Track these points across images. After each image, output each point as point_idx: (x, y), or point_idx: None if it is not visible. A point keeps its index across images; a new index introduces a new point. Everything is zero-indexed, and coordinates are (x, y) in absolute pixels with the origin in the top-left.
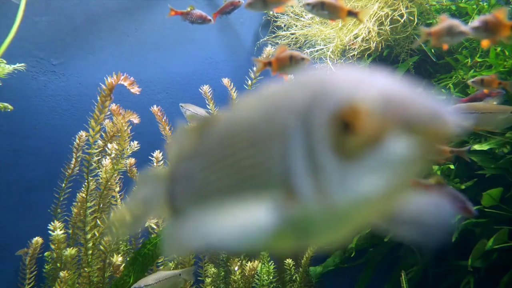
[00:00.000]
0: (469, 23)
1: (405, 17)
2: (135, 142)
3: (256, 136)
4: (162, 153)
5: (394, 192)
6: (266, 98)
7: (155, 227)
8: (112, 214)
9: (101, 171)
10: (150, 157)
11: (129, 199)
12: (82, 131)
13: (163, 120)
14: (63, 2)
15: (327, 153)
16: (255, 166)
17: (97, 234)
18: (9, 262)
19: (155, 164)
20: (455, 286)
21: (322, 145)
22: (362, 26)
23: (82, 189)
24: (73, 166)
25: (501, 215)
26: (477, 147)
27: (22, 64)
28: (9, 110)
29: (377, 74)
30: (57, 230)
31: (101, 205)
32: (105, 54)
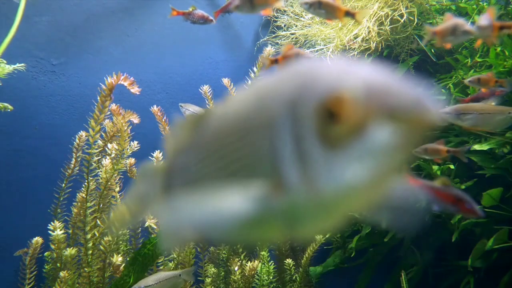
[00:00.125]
0: (473, 23)
1: (405, 17)
2: (135, 142)
3: (246, 127)
4: (162, 153)
5: (379, 180)
6: (255, 90)
7: (155, 227)
8: (112, 212)
9: (101, 171)
10: (150, 157)
11: (128, 194)
12: (82, 131)
13: (163, 120)
14: (63, 2)
15: (313, 142)
16: (246, 157)
17: (97, 234)
18: (9, 262)
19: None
20: (455, 286)
21: (308, 134)
22: (362, 26)
23: (82, 189)
24: (73, 166)
25: (501, 215)
26: (477, 147)
27: (22, 64)
28: (9, 110)
29: (361, 65)
30: (57, 230)
31: (101, 205)
32: (105, 54)
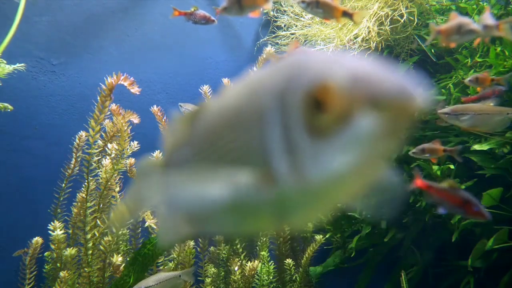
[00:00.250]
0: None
1: (405, 17)
2: (135, 142)
3: (238, 120)
4: (162, 153)
5: (366, 168)
6: (247, 83)
7: (155, 227)
8: (113, 210)
9: (101, 171)
10: (150, 157)
11: (128, 192)
12: (82, 131)
13: (163, 120)
14: (63, 2)
15: (301, 132)
16: (238, 149)
17: (97, 234)
18: (9, 262)
19: None
20: (455, 286)
21: (296, 125)
22: (362, 26)
23: (82, 189)
24: (73, 166)
25: (501, 215)
26: (477, 147)
27: (22, 64)
28: (9, 110)
29: (348, 56)
30: (57, 230)
31: (101, 205)
32: (105, 54)
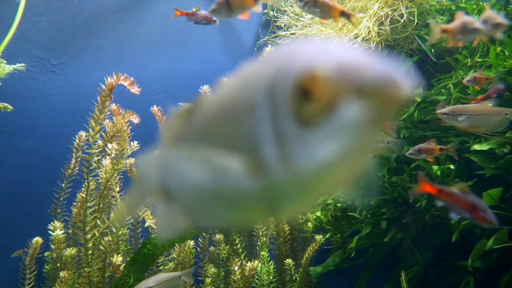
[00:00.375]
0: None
1: (405, 17)
2: (135, 142)
3: (231, 112)
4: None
5: (353, 156)
6: (240, 76)
7: (155, 227)
8: (114, 209)
9: (101, 171)
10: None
11: (129, 191)
12: (82, 131)
13: (163, 120)
14: (63, 2)
15: (289, 122)
16: (232, 141)
17: (97, 234)
18: (9, 262)
19: None
20: (455, 286)
21: (285, 114)
22: (362, 26)
23: (82, 189)
24: (73, 166)
25: (501, 215)
26: (477, 147)
27: (22, 64)
28: (9, 110)
29: (336, 45)
30: (57, 230)
31: (101, 205)
32: (105, 54)
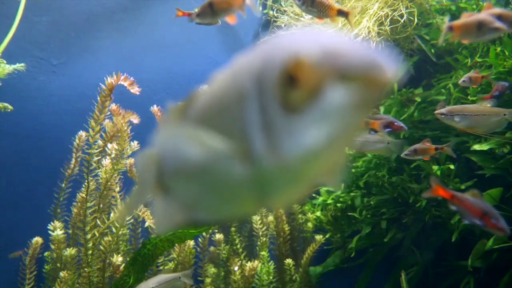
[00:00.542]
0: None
1: (405, 17)
2: (135, 142)
3: (223, 104)
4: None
5: (339, 141)
6: (232, 68)
7: (155, 229)
8: (115, 209)
9: (101, 171)
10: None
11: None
12: (82, 131)
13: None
14: (63, 2)
15: (276, 109)
16: (224, 132)
17: (97, 234)
18: (9, 262)
19: None
20: (455, 286)
21: (272, 102)
22: (362, 26)
23: (82, 189)
24: (73, 166)
25: (501, 215)
26: (477, 147)
27: (22, 64)
28: (9, 110)
29: (322, 31)
30: (57, 230)
31: (101, 205)
32: (105, 54)
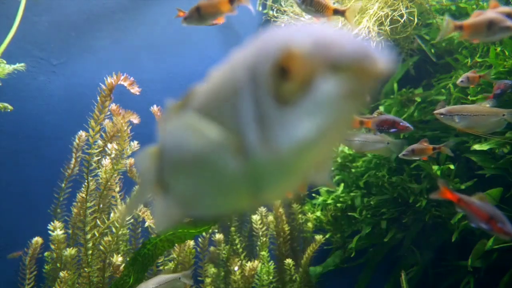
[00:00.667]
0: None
1: (405, 17)
2: (135, 142)
3: (219, 98)
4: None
5: (331, 132)
6: (228, 62)
7: (155, 227)
8: (116, 209)
9: (101, 171)
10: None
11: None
12: (82, 131)
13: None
14: (63, 2)
15: (269, 102)
16: (220, 125)
17: (97, 234)
18: (9, 262)
19: None
20: (455, 286)
21: (265, 95)
22: (362, 26)
23: (82, 189)
24: (73, 166)
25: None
26: (477, 147)
27: (22, 64)
28: (9, 110)
29: (316, 24)
30: (57, 230)
31: (101, 205)
32: (105, 54)
